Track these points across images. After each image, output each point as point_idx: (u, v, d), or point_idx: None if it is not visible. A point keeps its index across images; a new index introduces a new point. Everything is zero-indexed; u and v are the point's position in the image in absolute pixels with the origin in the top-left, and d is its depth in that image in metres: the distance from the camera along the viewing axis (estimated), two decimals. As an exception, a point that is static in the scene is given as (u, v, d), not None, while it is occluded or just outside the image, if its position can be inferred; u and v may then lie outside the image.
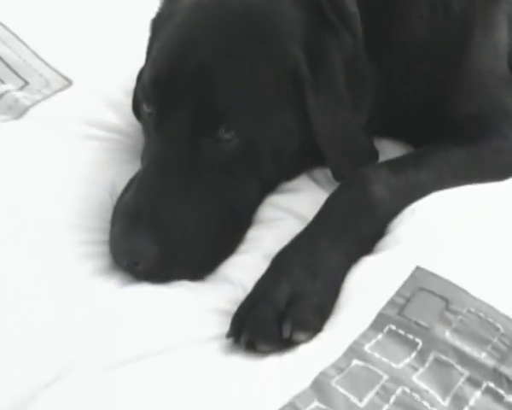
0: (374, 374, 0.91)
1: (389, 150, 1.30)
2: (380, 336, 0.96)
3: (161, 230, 1.11)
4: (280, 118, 1.17)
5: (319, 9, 1.20)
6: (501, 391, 0.90)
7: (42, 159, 1.27)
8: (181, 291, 1.10)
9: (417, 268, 1.02)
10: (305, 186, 1.25)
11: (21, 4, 1.56)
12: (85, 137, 1.32)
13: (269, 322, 1.01)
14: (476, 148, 1.25)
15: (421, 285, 1.01)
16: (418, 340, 0.95)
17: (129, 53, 1.40)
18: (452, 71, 1.27)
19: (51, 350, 1.02)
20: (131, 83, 1.35)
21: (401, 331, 0.96)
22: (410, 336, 0.96)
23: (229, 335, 1.03)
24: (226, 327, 1.04)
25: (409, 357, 0.93)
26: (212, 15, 1.18)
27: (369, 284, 1.04)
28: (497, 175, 1.22)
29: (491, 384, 0.90)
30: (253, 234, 1.19)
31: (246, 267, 1.14)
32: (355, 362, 0.93)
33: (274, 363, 0.98)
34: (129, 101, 1.35)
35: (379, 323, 0.98)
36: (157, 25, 1.25)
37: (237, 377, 0.97)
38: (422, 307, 0.98)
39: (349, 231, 1.11)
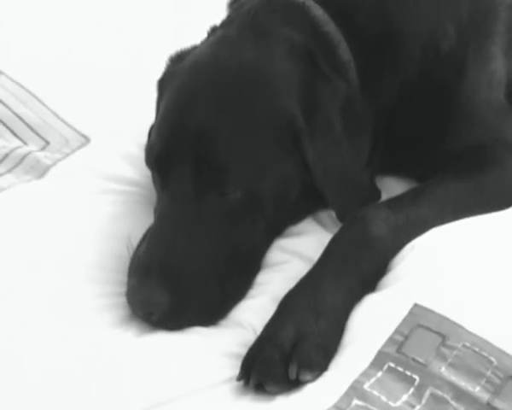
0: (373, 415, 0.96)
1: (392, 187, 1.34)
2: (379, 373, 1.01)
3: (173, 281, 1.16)
4: (280, 168, 1.22)
5: (313, 60, 1.25)
6: (494, 427, 0.94)
7: (63, 215, 1.34)
8: (195, 337, 1.16)
9: (415, 305, 1.07)
10: (310, 229, 1.30)
11: (40, 67, 1.64)
12: (104, 192, 1.39)
13: (275, 364, 1.06)
14: (476, 179, 1.29)
15: (418, 322, 1.05)
16: (415, 376, 0.99)
17: (141, 109, 1.45)
18: (447, 106, 1.32)
19: (71, 399, 1.07)
20: (144, 137, 1.40)
21: (400, 368, 1.00)
22: (408, 373, 1.00)
23: (239, 378, 1.08)
24: (238, 370, 1.09)
25: (406, 394, 0.98)
26: (209, 75, 1.24)
27: (371, 322, 1.08)
28: (499, 205, 1.26)
29: (485, 421, 0.94)
30: (261, 278, 1.24)
31: (255, 311, 1.19)
32: (355, 402, 0.97)
33: (281, 404, 1.03)
34: (143, 154, 1.39)
35: (379, 361, 1.02)
36: (162, 85, 1.32)
37: (247, 419, 1.02)
38: (420, 344, 1.02)
39: (351, 271, 1.15)
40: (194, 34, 1.44)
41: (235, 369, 1.10)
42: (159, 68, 1.37)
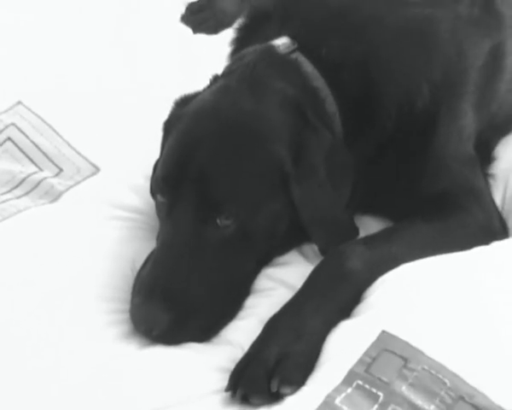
0: (341, 426, 1.11)
1: (369, 225, 1.50)
2: (349, 390, 1.16)
3: (172, 301, 1.31)
4: (270, 206, 1.37)
5: (302, 112, 1.40)
6: (445, 442, 1.09)
7: (73, 237, 1.47)
8: (189, 352, 1.30)
9: (383, 332, 1.22)
10: (294, 260, 1.45)
11: (56, 99, 1.77)
12: (111, 218, 1.52)
13: (259, 379, 1.21)
14: (443, 223, 1.44)
15: (385, 347, 1.20)
16: (380, 393, 1.14)
17: (147, 143, 1.59)
18: (419, 158, 1.47)
19: (79, 404, 1.21)
20: (150, 170, 1.54)
21: (367, 386, 1.16)
22: (374, 390, 1.15)
23: (227, 389, 1.23)
24: (226, 382, 1.24)
25: (371, 409, 1.13)
26: (210, 123, 1.38)
27: (344, 345, 1.23)
28: (462, 246, 1.40)
29: (438, 436, 1.10)
30: (249, 302, 1.39)
31: (244, 331, 1.33)
32: (327, 414, 1.13)
33: (263, 414, 1.19)
34: (148, 185, 1.54)
35: (349, 378, 1.17)
36: (168, 127, 1.47)
37: (234, 425, 1.18)
38: (385, 365, 1.17)
39: (329, 300, 1.31)
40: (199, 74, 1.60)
41: (224, 382, 1.24)
42: (164, 106, 1.51)
